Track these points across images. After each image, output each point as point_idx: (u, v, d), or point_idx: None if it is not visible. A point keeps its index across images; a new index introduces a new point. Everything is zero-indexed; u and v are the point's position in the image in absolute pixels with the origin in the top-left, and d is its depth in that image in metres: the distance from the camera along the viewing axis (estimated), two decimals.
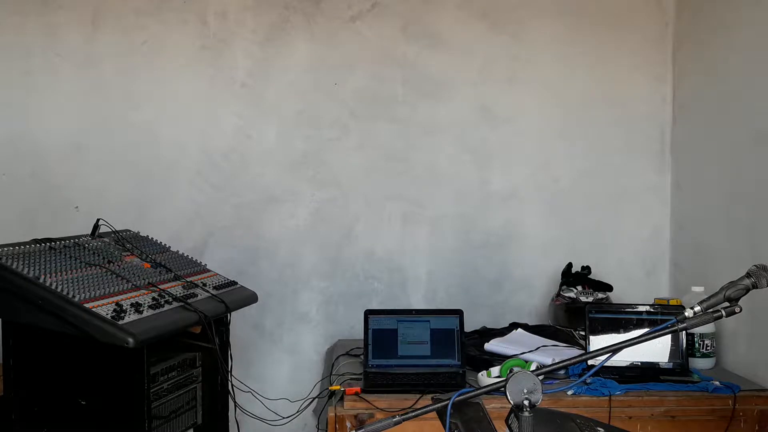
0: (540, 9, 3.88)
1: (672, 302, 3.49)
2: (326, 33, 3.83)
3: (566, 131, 3.92)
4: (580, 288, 3.66)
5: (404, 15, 3.85)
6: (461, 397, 1.73)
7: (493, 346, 3.38)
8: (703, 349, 3.33)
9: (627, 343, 1.81)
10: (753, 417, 3.00)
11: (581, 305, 3.49)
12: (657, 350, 3.19)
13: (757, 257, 2.78)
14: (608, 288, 3.67)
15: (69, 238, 2.91)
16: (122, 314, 2.48)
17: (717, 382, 3.09)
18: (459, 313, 3.28)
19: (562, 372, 3.03)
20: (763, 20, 3.13)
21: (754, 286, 1.75)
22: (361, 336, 3.23)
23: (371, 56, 3.80)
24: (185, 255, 3.24)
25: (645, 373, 3.15)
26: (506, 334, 3.51)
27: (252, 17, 3.83)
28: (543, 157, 3.92)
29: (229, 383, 2.97)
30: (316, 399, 3.47)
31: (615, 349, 1.80)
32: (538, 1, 3.88)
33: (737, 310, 1.74)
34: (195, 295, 2.85)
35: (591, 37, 3.89)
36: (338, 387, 2.99)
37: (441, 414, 1.71)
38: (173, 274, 2.95)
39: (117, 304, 2.52)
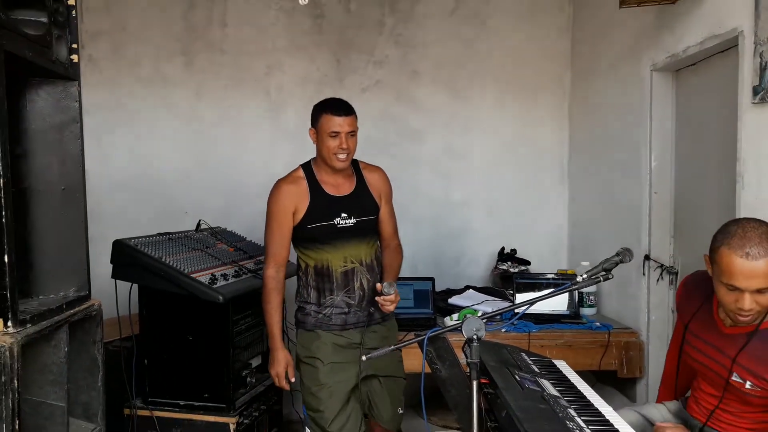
0: (483, 82, 3.88)
1: (569, 272, 3.51)
2: (346, 100, 3.82)
3: (501, 162, 3.92)
4: (509, 263, 3.66)
5: (396, 88, 3.85)
6: (433, 333, 1.73)
7: (454, 300, 3.39)
8: (588, 302, 3.35)
9: (539, 298, 1.81)
10: (620, 345, 3.02)
11: (510, 274, 3.50)
12: (559, 303, 3.21)
13: (623, 242, 2.79)
14: (528, 263, 3.67)
15: (181, 232, 2.92)
16: (215, 281, 2.48)
17: (598, 323, 3.10)
18: (432, 279, 3.29)
19: (498, 317, 3.04)
20: (619, 88, 3.13)
21: (622, 261, 1.76)
22: None
23: (375, 114, 3.80)
24: (256, 242, 3.24)
25: (551, 317, 3.16)
26: (462, 293, 3.52)
27: (299, 90, 3.84)
28: (485, 179, 3.92)
29: (284, 325, 2.97)
30: None
31: (532, 302, 1.80)
32: (481, 78, 3.88)
33: (610, 276, 1.74)
34: (262, 268, 2.85)
35: (517, 101, 3.90)
36: None
37: (420, 345, 1.72)
38: (248, 254, 2.95)
39: (212, 274, 2.52)
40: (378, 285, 2.31)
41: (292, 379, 2.36)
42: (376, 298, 2.30)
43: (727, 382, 1.74)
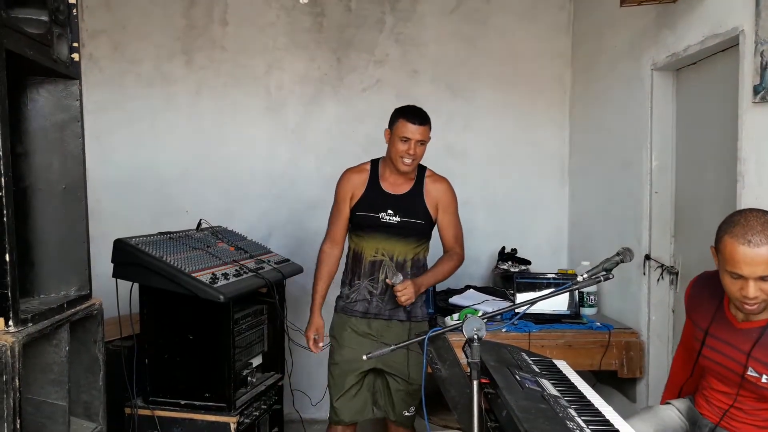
0: (484, 81, 3.87)
1: (569, 272, 3.51)
2: (346, 99, 3.84)
3: (501, 162, 3.92)
4: (510, 263, 3.66)
5: (396, 87, 3.84)
6: (434, 333, 1.73)
7: (454, 300, 3.38)
8: (589, 302, 3.35)
9: (540, 298, 1.82)
10: (621, 345, 3.02)
11: (511, 274, 3.50)
12: (559, 302, 3.20)
13: (623, 242, 2.79)
14: (528, 262, 3.67)
15: (181, 231, 2.91)
16: (216, 280, 2.48)
17: (598, 323, 3.10)
18: None
19: (498, 317, 3.03)
20: (620, 88, 3.14)
21: (622, 261, 1.77)
22: None
23: (375, 114, 3.78)
24: (256, 242, 3.24)
25: (552, 317, 3.16)
26: (463, 292, 3.52)
27: (299, 88, 3.84)
28: (486, 178, 3.91)
29: (285, 324, 2.98)
30: None
31: (532, 301, 1.80)
32: (482, 77, 3.87)
33: (611, 276, 1.75)
34: (263, 268, 2.85)
35: (517, 100, 3.89)
36: None
37: (421, 344, 1.72)
38: (249, 254, 2.95)
39: (212, 273, 2.52)
40: (387, 280, 2.48)
41: (320, 344, 2.66)
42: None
43: (742, 377, 1.75)
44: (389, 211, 2.54)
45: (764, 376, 1.71)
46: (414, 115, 2.51)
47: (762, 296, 1.66)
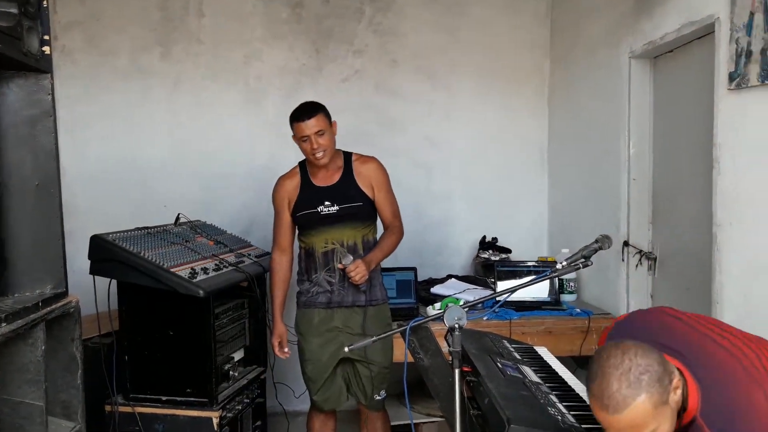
0: (465, 72, 3.86)
1: (549, 259, 3.53)
2: (326, 90, 3.79)
3: (482, 152, 3.91)
4: (491, 251, 3.68)
5: (376, 78, 3.82)
6: (416, 323, 1.73)
7: (436, 289, 3.40)
8: (569, 288, 3.38)
9: (520, 286, 1.83)
10: (600, 331, 3.04)
11: (492, 263, 3.51)
12: (540, 289, 3.23)
13: (603, 229, 2.81)
14: (508, 251, 3.69)
15: (160, 226, 2.88)
16: (195, 275, 2.46)
17: (578, 309, 3.13)
18: (414, 269, 3.30)
19: (480, 305, 3.04)
20: (597, 76, 3.15)
21: (601, 248, 1.77)
22: None
23: (354, 105, 3.77)
24: (236, 235, 3.21)
25: (532, 304, 3.18)
26: (444, 282, 3.53)
27: (278, 80, 3.80)
28: (466, 169, 3.91)
29: (267, 318, 2.96)
30: None
31: (513, 289, 1.81)
32: (463, 67, 3.87)
33: (590, 263, 1.75)
34: (243, 262, 2.83)
35: (497, 90, 3.89)
36: None
37: (403, 334, 1.72)
38: (228, 248, 2.92)
39: (192, 268, 2.50)
40: (339, 265, 2.52)
41: (285, 348, 2.68)
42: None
43: None
44: (326, 203, 2.57)
45: None
46: (301, 113, 2.53)
47: None
